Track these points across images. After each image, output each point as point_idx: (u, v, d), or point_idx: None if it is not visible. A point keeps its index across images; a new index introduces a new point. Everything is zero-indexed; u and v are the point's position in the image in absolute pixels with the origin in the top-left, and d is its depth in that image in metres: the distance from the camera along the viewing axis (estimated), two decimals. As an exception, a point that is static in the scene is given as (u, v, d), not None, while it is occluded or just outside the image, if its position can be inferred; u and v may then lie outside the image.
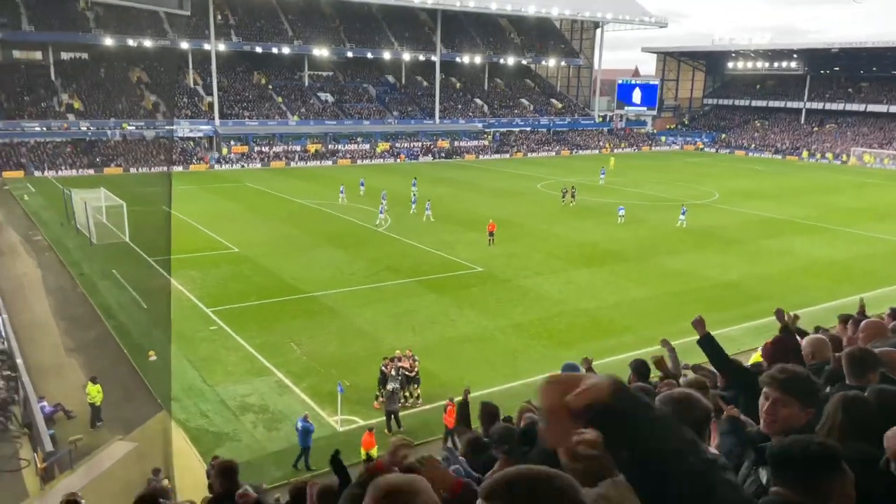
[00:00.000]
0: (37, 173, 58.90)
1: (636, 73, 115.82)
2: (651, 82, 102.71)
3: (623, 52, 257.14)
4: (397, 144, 78.27)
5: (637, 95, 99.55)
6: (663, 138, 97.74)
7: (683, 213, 41.24)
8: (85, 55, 72.94)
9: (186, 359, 21.00)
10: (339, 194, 47.93)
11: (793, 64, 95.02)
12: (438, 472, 2.81)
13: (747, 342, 20.86)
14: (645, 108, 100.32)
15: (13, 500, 14.77)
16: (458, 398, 15.93)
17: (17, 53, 71.40)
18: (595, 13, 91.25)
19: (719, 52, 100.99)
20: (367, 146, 76.47)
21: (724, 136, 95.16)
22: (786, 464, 2.15)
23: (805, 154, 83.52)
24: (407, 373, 18.61)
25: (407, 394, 18.63)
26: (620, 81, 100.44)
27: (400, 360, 18.84)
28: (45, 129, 63.51)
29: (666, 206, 43.09)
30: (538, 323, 24.60)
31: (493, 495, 1.46)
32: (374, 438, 15.79)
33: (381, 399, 18.40)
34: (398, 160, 75.00)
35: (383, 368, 18.55)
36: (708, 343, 5.03)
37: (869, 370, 3.72)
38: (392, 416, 17.44)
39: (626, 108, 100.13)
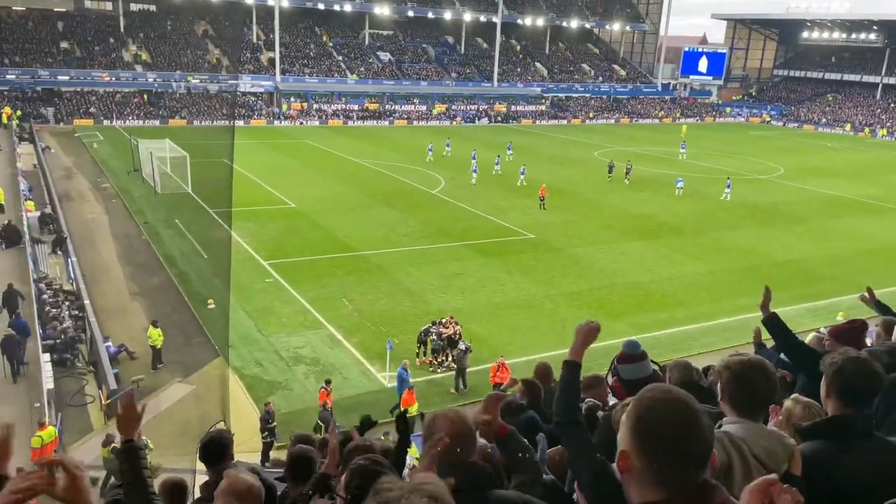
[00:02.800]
0: (105, 122, 60.76)
1: (704, 40, 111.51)
2: (719, 50, 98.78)
3: (691, 18, 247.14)
4: (454, 107, 77.74)
5: (703, 64, 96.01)
6: (728, 109, 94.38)
7: (728, 187, 40.04)
8: (153, 7, 74.35)
9: (243, 309, 21.70)
10: (428, 152, 49.29)
11: (871, 36, 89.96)
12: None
13: (806, 323, 20.33)
14: (710, 78, 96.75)
15: (79, 433, 15.71)
16: (503, 360, 16.11)
17: (88, 3, 73.30)
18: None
19: (794, 21, 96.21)
20: (423, 107, 76.21)
21: (793, 109, 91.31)
22: None
23: (882, 132, 79.53)
24: (451, 337, 18.96)
25: (442, 358, 18.98)
26: (687, 49, 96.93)
27: (445, 325, 19.13)
28: (113, 79, 65.30)
29: (722, 179, 41.82)
30: (588, 293, 24.47)
31: None
32: (413, 396, 16.17)
33: (423, 358, 18.90)
34: (454, 122, 74.60)
35: (431, 330, 18.99)
36: (774, 323, 4.97)
37: None
38: (461, 375, 17.83)
39: (691, 76, 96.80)
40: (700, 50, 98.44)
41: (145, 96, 65.84)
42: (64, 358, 18.21)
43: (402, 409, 14.73)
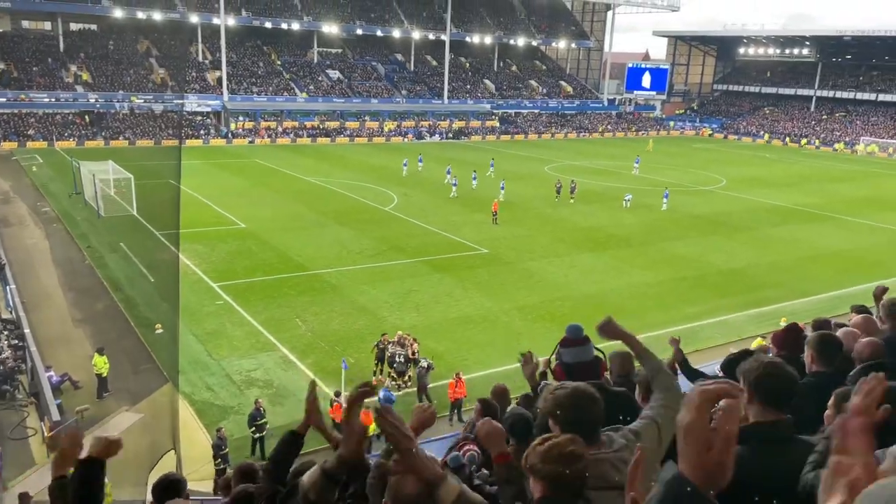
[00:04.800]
0: (45, 144, 58.94)
1: (646, 56, 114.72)
2: (661, 66, 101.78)
3: (634, 36, 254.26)
4: (404, 123, 77.98)
5: (647, 79, 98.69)
6: (672, 123, 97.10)
7: (666, 198, 41.33)
8: (94, 26, 72.70)
9: (192, 333, 21.19)
10: (403, 167, 50.60)
11: (804, 51, 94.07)
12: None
13: (750, 329, 20.95)
14: (654, 93, 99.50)
15: (20, 468, 15.05)
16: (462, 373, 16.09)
17: (25, 24, 71.20)
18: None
19: (731, 38, 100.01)
20: (375, 124, 76.22)
21: (732, 122, 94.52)
22: None
23: (816, 142, 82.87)
24: (409, 357, 18.85)
25: (408, 377, 18.86)
26: (630, 65, 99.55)
27: (402, 344, 18.99)
28: (53, 100, 63.46)
29: (673, 191, 42.94)
30: (541, 306, 24.70)
31: None
32: (370, 417, 15.95)
33: (380, 377, 18.74)
34: (405, 139, 74.80)
35: (380, 346, 18.86)
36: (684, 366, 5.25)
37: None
38: (423, 393, 17.71)
39: (635, 92, 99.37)
40: (643, 66, 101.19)
41: (87, 117, 64.15)
42: (3, 390, 17.46)
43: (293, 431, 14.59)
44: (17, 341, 19.75)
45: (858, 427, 1.38)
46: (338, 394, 16.39)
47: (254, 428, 15.58)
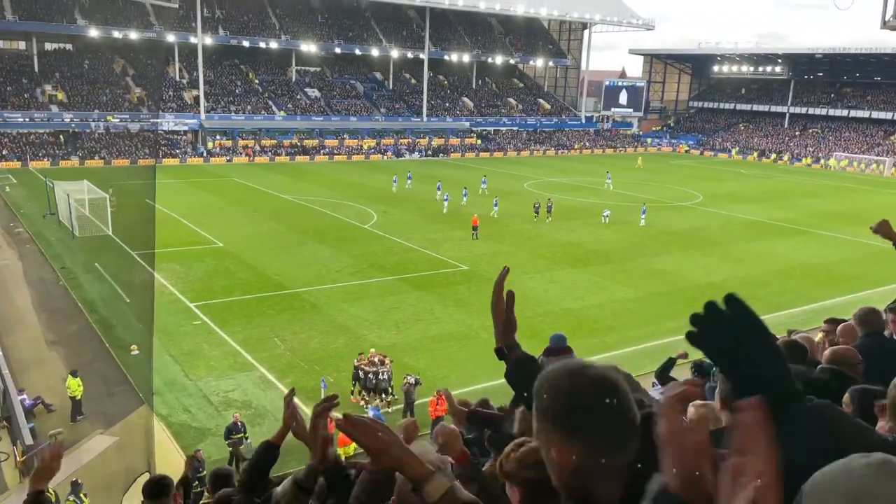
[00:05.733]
0: (18, 164, 58.16)
1: (623, 74, 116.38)
2: (637, 84, 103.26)
3: (610, 54, 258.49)
4: (383, 141, 78.13)
5: (623, 97, 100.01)
6: (649, 140, 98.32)
7: (644, 213, 41.82)
8: (69, 46, 72.16)
9: (169, 353, 20.88)
10: (393, 183, 51.72)
11: (777, 69, 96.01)
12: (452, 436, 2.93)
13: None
14: (631, 110, 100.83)
15: (-9, 494, 14.65)
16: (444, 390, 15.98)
17: (0, 43, 70.49)
18: (583, 14, 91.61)
19: (705, 56, 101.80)
20: (354, 142, 76.27)
21: (708, 138, 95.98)
22: None
23: (785, 157, 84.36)
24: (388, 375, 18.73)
25: (391, 398, 18.72)
26: (607, 83, 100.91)
27: (374, 362, 18.86)
28: (27, 119, 62.76)
29: (650, 207, 43.37)
30: (522, 322, 23.96)
31: None
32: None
33: (358, 394, 18.60)
34: (385, 157, 74.89)
35: (356, 364, 18.75)
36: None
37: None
38: (409, 409, 17.59)
39: (612, 109, 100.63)
40: (620, 84, 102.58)
41: (61, 137, 63.46)
42: (-27, 414, 17.03)
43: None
44: (-13, 365, 19.30)
45: (753, 421, 1.30)
46: (336, 402, 16.22)
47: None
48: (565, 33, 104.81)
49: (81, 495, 13.56)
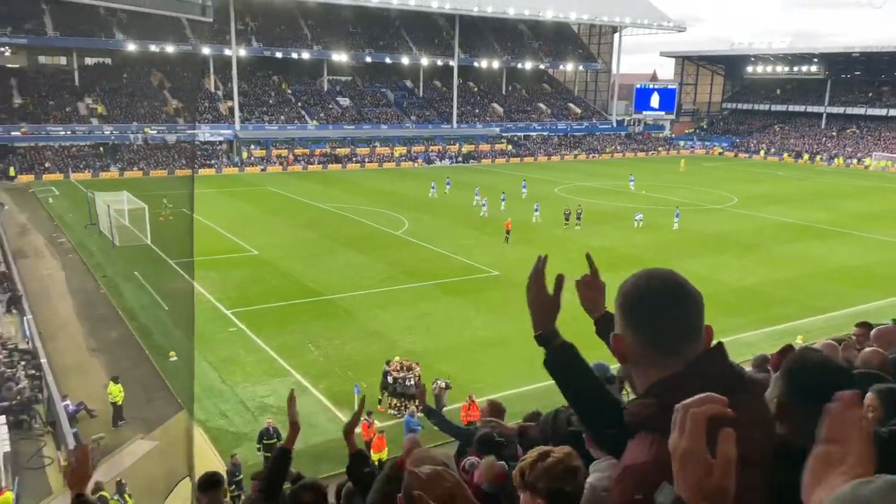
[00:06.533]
0: (61, 176, 59.83)
1: (654, 77, 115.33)
2: (669, 87, 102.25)
3: (641, 57, 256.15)
4: (414, 149, 78.59)
5: (655, 100, 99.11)
6: (681, 143, 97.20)
7: (677, 217, 41.23)
8: (108, 60, 74.12)
9: (206, 360, 21.30)
10: (431, 189, 52.24)
11: (813, 68, 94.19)
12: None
13: (765, 347, 20.70)
14: (663, 113, 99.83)
15: (37, 497, 15.11)
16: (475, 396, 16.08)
17: (42, 59, 72.76)
18: (613, 18, 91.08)
19: (738, 57, 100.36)
20: (385, 150, 76.88)
21: (743, 140, 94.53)
22: None
23: (817, 159, 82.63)
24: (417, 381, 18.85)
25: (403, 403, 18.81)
26: (638, 86, 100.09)
27: (406, 368, 19.01)
28: (69, 133, 64.57)
29: (684, 210, 42.87)
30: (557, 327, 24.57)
31: None
32: (384, 442, 16.03)
33: (384, 402, 18.74)
34: (415, 164, 75.32)
35: (385, 370, 18.89)
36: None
37: None
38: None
39: (644, 112, 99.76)
40: (651, 87, 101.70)
41: (101, 149, 65.16)
42: (20, 420, 17.59)
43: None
44: (33, 371, 19.93)
45: (852, 416, 1.28)
46: (370, 413, 16.54)
47: (260, 446, 15.81)
48: (595, 37, 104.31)
49: (126, 496, 13.94)
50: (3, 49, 68.56)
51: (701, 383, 1.51)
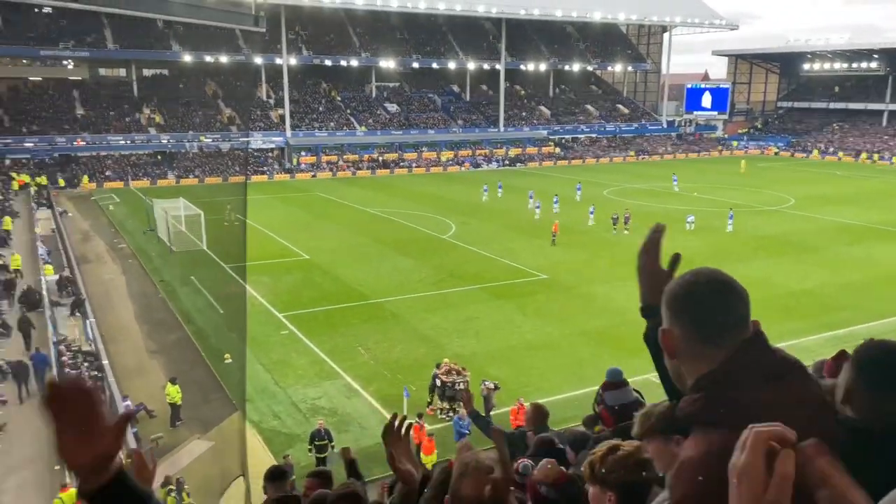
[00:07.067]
0: (121, 184, 61.99)
1: (706, 76, 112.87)
2: (721, 86, 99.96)
3: (692, 56, 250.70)
4: (461, 153, 78.78)
5: (707, 99, 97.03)
6: (735, 143, 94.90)
7: (731, 218, 40.15)
8: (165, 71, 76.55)
9: (259, 362, 21.76)
10: (483, 192, 52.76)
11: (873, 64, 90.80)
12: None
13: (825, 353, 20.02)
14: (715, 113, 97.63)
15: (100, 493, 15.65)
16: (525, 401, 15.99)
17: (102, 71, 75.64)
18: (663, 17, 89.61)
19: (794, 54, 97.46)
20: (432, 154, 77.30)
21: (799, 139, 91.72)
22: None
23: (875, 157, 79.48)
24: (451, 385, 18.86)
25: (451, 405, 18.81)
26: (689, 86, 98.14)
27: (453, 372, 19.04)
28: (128, 142, 66.90)
29: (738, 212, 41.83)
30: (605, 330, 24.36)
31: None
32: (434, 445, 16.08)
33: (433, 405, 18.79)
34: (462, 168, 75.47)
35: (434, 373, 18.95)
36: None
37: None
38: (487, 414, 17.73)
39: (695, 112, 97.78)
40: (703, 86, 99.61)
41: (159, 157, 67.29)
42: (84, 419, 18.26)
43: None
44: (96, 372, 20.68)
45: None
46: (420, 416, 16.67)
47: (311, 447, 16.09)
48: (644, 37, 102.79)
49: (184, 493, 14.35)
50: (66, 62, 71.55)
51: (742, 372, 1.55)
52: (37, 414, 15.98)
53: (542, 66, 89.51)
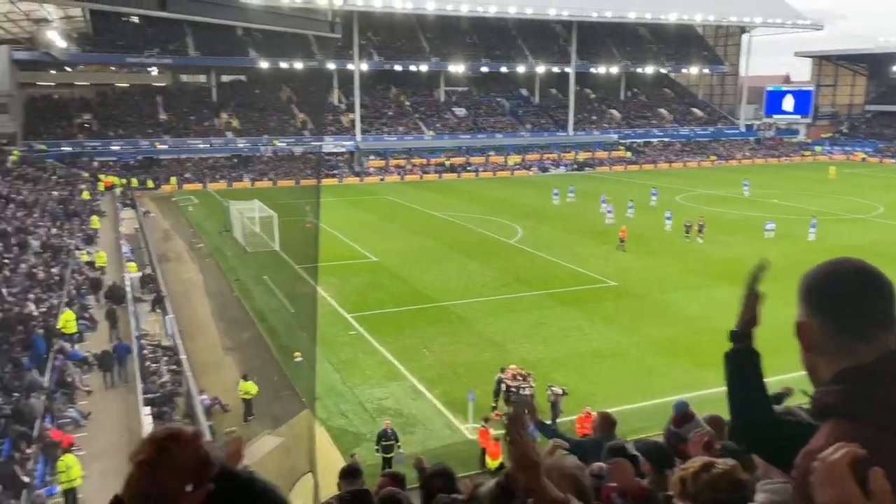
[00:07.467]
0: (199, 186, 64.44)
1: (787, 79, 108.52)
2: (804, 88, 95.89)
3: (772, 58, 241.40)
4: (528, 157, 78.30)
5: (788, 103, 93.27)
6: (818, 148, 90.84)
7: (813, 227, 38.27)
8: (243, 77, 79.24)
9: (328, 361, 22.17)
10: (553, 196, 52.76)
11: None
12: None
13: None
14: (798, 117, 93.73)
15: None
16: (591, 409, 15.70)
17: (184, 77, 78.94)
18: (742, 17, 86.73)
19: (883, 55, 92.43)
20: (500, 158, 77.14)
21: (889, 144, 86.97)
22: None
23: None
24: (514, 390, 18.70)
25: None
26: (769, 88, 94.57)
27: (521, 377, 18.90)
28: (207, 145, 69.53)
29: (821, 220, 39.98)
30: (675, 340, 23.70)
31: None
32: (500, 449, 15.97)
33: (497, 409, 18.67)
34: (530, 172, 75.01)
35: (499, 377, 18.83)
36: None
37: None
38: (554, 420, 17.63)
39: (775, 116, 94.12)
40: (784, 89, 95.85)
41: (235, 160, 69.64)
42: (162, 411, 19.00)
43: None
44: (174, 367, 21.54)
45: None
46: (487, 420, 16.62)
47: (378, 447, 16.27)
48: (721, 38, 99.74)
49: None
50: (150, 69, 74.99)
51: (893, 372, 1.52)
52: (120, 402, 16.71)
53: (614, 69, 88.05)
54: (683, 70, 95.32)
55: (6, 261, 27.25)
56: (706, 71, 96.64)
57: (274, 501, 1.57)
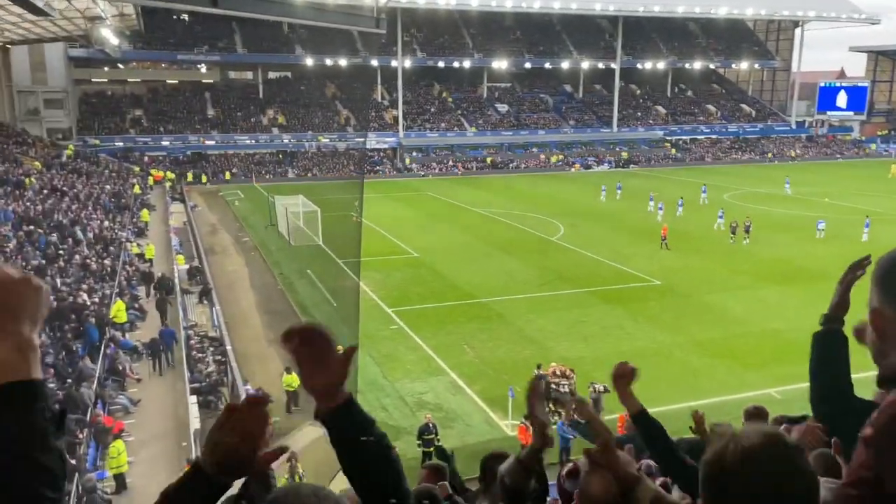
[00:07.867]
0: (245, 181, 65.65)
1: (841, 74, 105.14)
2: (859, 84, 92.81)
3: (826, 53, 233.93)
4: (570, 154, 77.61)
5: (842, 99, 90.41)
6: (873, 145, 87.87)
7: (867, 227, 36.97)
8: (288, 74, 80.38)
9: (369, 355, 22.38)
10: (601, 192, 53.07)
11: None
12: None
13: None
14: (852, 113, 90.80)
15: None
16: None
17: (231, 74, 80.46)
18: (795, 11, 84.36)
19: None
20: (542, 155, 76.67)
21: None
22: None
23: None
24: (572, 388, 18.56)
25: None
26: (822, 84, 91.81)
27: (562, 374, 18.78)
28: (253, 141, 70.78)
29: (875, 220, 38.68)
30: (721, 341, 23.26)
31: None
32: (528, 435, 15.98)
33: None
34: (573, 169, 74.33)
35: (538, 373, 18.72)
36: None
37: None
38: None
39: (828, 113, 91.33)
40: (838, 84, 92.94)
41: (280, 156, 70.74)
42: (208, 400, 19.49)
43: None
44: (220, 357, 22.05)
45: None
46: (526, 416, 16.63)
47: (420, 441, 16.36)
48: (773, 33, 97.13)
49: (297, 477, 15.02)
50: (200, 66, 76.66)
51: None
52: (169, 391, 17.17)
53: (660, 65, 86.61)
54: (733, 65, 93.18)
55: (61, 252, 28.21)
56: (756, 66, 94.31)
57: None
